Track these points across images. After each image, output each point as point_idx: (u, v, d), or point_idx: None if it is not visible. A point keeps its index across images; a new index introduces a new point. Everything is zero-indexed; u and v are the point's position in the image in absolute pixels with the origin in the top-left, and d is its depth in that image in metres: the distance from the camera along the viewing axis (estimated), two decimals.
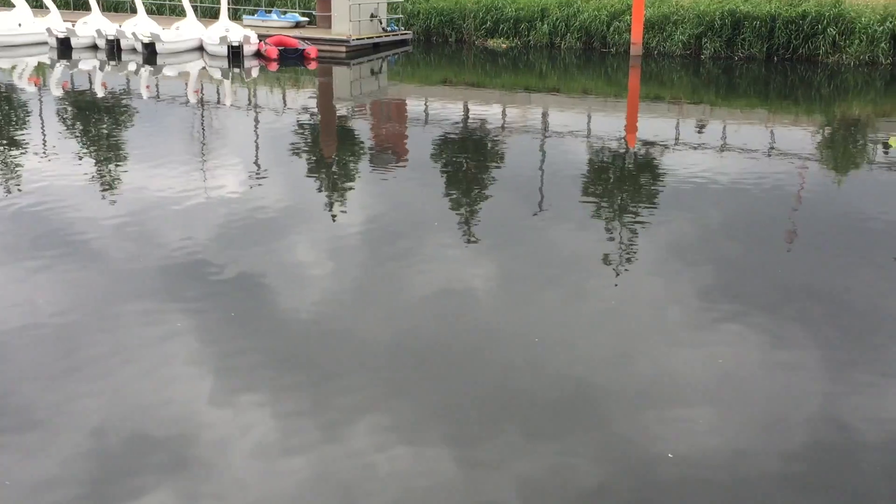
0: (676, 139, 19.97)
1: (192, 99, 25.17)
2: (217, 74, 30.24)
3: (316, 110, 24.23)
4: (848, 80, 28.92)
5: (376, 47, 36.05)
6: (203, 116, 22.45)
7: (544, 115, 23.99)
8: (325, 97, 27.24)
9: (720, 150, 18.57)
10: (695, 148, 18.78)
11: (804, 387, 8.11)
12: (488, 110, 24.11)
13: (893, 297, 10.27)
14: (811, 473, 6.78)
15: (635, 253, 11.76)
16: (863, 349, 8.90)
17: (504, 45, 36.93)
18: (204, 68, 31.25)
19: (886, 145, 19.51)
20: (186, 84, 28.31)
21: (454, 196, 14.84)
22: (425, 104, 25.00)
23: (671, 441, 7.15)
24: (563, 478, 6.66)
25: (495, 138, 20.07)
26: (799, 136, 20.94)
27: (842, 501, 6.45)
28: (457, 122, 22.23)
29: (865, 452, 7.07)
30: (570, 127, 21.54)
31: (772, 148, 18.98)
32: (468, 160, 17.72)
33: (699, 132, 21.12)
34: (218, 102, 24.91)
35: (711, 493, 6.53)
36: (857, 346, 8.97)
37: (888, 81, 28.90)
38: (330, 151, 18.58)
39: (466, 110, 24.30)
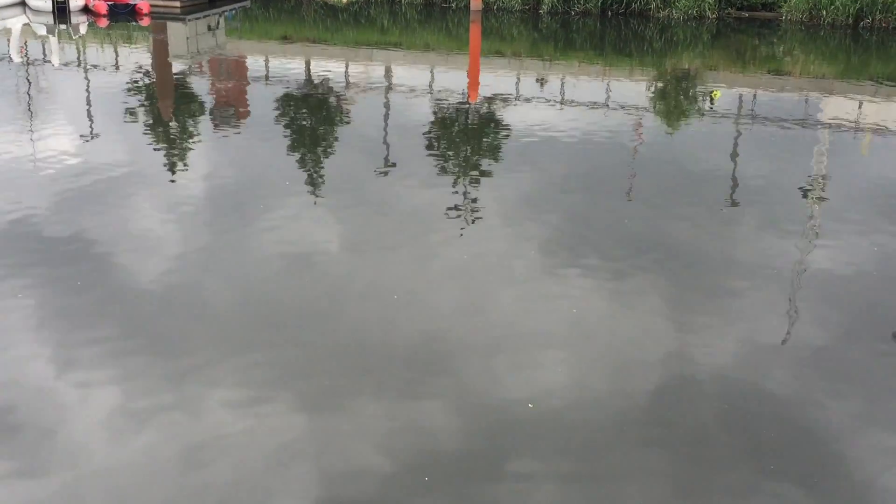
0: (518, 94, 20.36)
1: (16, 58, 23.75)
2: (42, 31, 28.60)
3: (151, 69, 23.34)
4: (678, 34, 30.09)
5: (212, 2, 34.88)
6: (29, 76, 21.25)
7: (387, 70, 23.94)
8: (161, 55, 26.23)
9: (560, 104, 19.05)
10: (536, 102, 19.20)
11: (649, 331, 8.54)
12: (331, 67, 23.85)
13: (723, 242, 10.91)
14: (657, 412, 7.20)
15: (481, 206, 11.98)
16: (698, 292, 9.43)
17: (344, 1, 36.49)
18: (27, 25, 29.48)
19: (711, 97, 20.49)
20: (9, 42, 26.65)
21: (300, 154, 14.68)
22: (266, 61, 24.48)
23: (527, 390, 7.39)
24: (422, 430, 6.81)
25: (339, 95, 19.91)
26: (633, 88, 21.71)
27: (684, 436, 6.89)
28: (299, 80, 21.90)
29: (703, 388, 7.55)
30: (413, 83, 21.59)
31: (608, 101, 19.62)
32: (312, 117, 17.53)
33: (540, 86, 21.59)
34: (45, 61, 23.61)
35: (567, 436, 6.82)
36: (693, 289, 9.50)
37: (714, 35, 30.25)
38: (168, 111, 17.99)
39: (308, 67, 23.96)
